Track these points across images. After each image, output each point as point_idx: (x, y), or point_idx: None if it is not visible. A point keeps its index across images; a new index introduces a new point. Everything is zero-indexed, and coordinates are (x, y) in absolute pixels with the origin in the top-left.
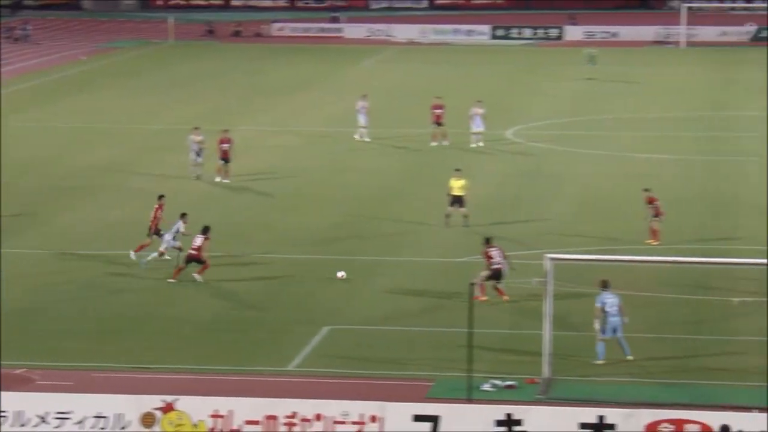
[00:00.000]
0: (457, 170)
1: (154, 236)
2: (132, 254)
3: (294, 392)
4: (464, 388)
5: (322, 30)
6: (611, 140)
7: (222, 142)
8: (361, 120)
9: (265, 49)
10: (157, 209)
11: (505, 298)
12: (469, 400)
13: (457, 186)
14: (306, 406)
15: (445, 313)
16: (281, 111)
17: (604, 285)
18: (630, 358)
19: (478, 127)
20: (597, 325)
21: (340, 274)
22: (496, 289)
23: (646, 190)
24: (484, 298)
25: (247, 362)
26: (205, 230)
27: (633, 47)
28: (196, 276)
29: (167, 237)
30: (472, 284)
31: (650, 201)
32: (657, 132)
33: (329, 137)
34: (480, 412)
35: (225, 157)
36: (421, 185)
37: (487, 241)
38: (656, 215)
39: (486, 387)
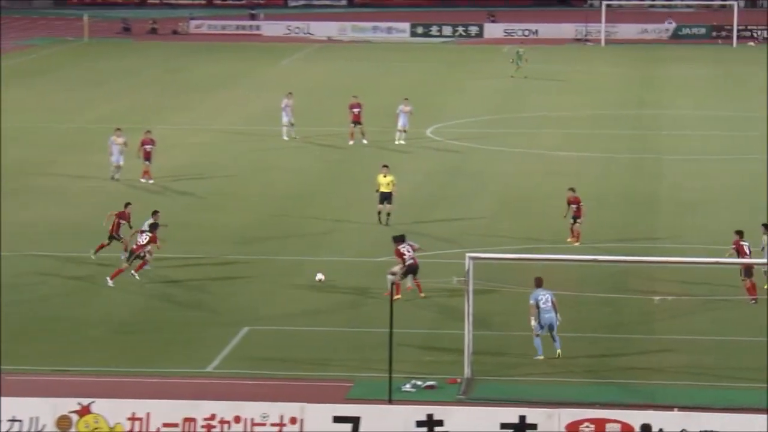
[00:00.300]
0: (385, 166)
1: (118, 238)
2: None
3: (213, 394)
4: (385, 388)
5: (241, 27)
6: (533, 138)
7: (144, 143)
8: (285, 118)
9: (182, 47)
10: (119, 214)
11: (422, 295)
12: (390, 401)
13: (384, 182)
14: (225, 408)
15: (365, 313)
16: (200, 109)
17: (538, 283)
18: (558, 351)
19: (403, 124)
20: (533, 322)
21: (319, 276)
22: (417, 284)
23: (571, 189)
24: (399, 296)
25: (165, 364)
26: (151, 227)
27: (553, 45)
28: (134, 273)
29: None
30: (393, 284)
31: (572, 201)
32: (578, 130)
33: (250, 135)
34: (401, 413)
35: (148, 158)
36: (342, 184)
37: (396, 240)
38: (577, 216)
39: (407, 387)
